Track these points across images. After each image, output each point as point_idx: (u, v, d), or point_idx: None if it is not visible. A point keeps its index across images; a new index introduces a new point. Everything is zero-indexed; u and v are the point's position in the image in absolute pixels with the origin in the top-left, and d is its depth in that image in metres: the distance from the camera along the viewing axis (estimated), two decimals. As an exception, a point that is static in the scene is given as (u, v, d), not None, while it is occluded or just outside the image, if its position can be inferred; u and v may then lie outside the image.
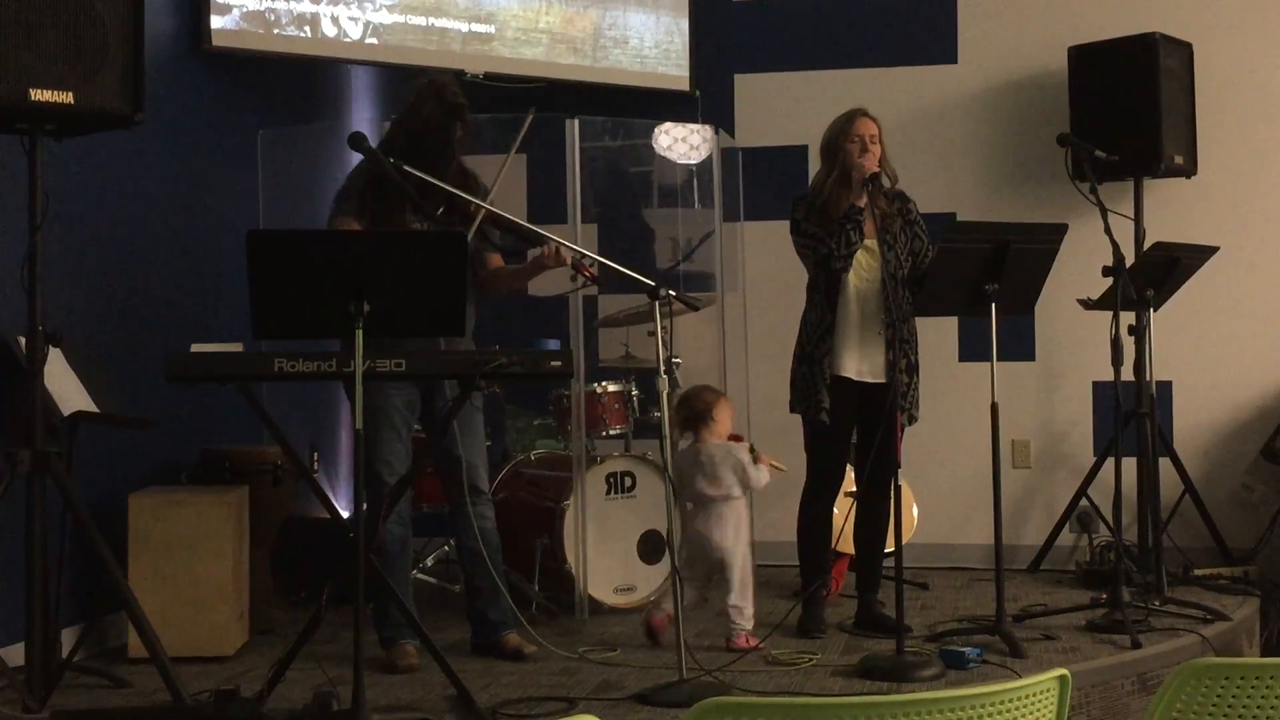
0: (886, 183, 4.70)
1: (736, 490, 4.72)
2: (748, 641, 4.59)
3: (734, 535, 4.68)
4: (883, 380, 4.71)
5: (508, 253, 4.58)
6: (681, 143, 6.22)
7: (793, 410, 4.88)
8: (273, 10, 5.63)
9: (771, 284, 5.87)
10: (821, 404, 4.70)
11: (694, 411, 4.80)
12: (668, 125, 6.18)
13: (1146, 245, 5.63)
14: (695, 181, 6.24)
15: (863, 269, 4.73)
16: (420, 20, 6.00)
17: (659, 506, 4.82)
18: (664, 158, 6.30)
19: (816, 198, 4.78)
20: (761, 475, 4.73)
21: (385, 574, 4.05)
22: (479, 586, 4.51)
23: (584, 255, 4.41)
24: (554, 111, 5.26)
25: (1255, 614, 5.22)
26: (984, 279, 4.53)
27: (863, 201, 4.69)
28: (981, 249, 4.52)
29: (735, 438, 4.86)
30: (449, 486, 4.51)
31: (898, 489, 4.50)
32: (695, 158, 6.20)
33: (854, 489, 5.00)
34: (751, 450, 4.78)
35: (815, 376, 4.73)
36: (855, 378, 4.74)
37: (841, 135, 4.76)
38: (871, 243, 4.71)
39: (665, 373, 4.11)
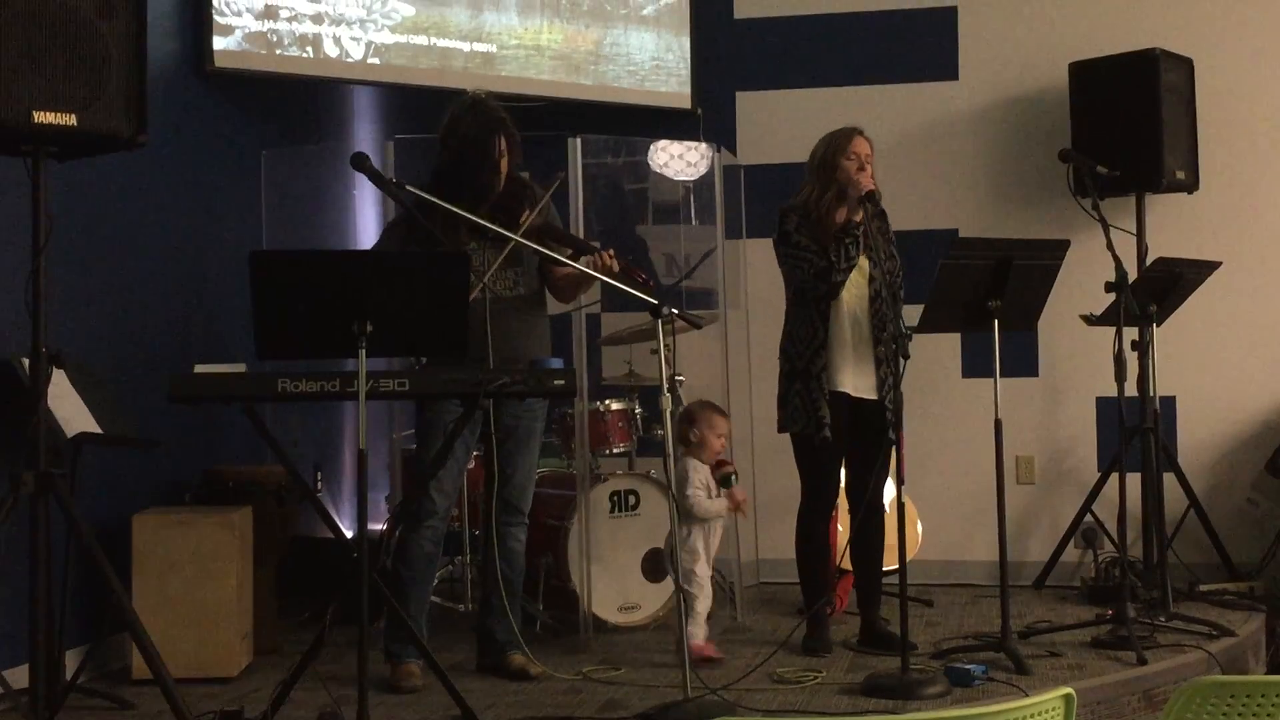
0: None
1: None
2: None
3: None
4: (874, 396, 4.73)
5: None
6: (678, 159, 6.23)
7: (782, 429, 4.85)
8: (275, 31, 5.64)
9: (774, 301, 5.85)
10: (824, 420, 4.69)
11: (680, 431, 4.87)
12: (664, 142, 6.18)
13: (1149, 261, 5.64)
14: (697, 198, 6.25)
15: (852, 285, 4.74)
16: (422, 40, 6.02)
17: (663, 524, 4.82)
18: (665, 175, 6.31)
19: (811, 212, 4.78)
20: (703, 505, 4.78)
21: (408, 587, 4.06)
22: (494, 604, 4.50)
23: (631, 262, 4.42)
24: (556, 130, 5.27)
25: (1261, 629, 5.21)
26: (986, 295, 4.53)
27: (860, 217, 4.69)
28: (984, 265, 4.52)
29: (722, 462, 4.88)
30: (490, 501, 4.50)
31: (902, 505, 4.51)
32: (692, 175, 6.21)
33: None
34: (725, 479, 4.81)
35: (814, 393, 4.72)
36: (852, 393, 4.74)
37: (839, 152, 4.76)
38: (861, 259, 4.72)
39: (668, 390, 4.10)
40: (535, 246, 4.28)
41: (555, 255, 4.32)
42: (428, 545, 4.43)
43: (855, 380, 4.74)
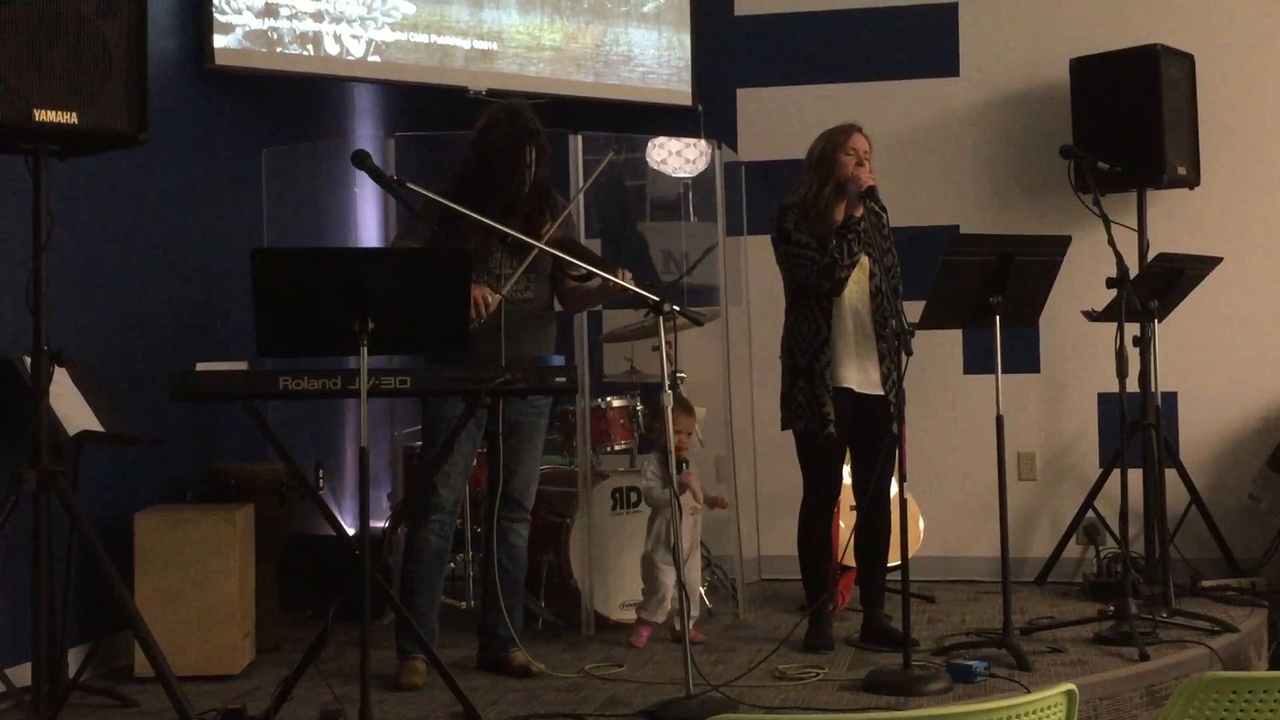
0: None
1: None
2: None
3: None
4: (878, 392, 4.73)
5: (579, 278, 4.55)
6: (677, 156, 6.22)
7: (785, 427, 4.85)
8: (275, 29, 5.64)
9: (775, 297, 5.85)
10: (829, 417, 4.69)
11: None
12: (662, 139, 6.18)
13: (1150, 256, 5.63)
14: (698, 195, 6.25)
15: (853, 281, 4.74)
16: (423, 38, 6.02)
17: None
18: (663, 172, 6.30)
19: (810, 208, 4.78)
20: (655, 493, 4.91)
21: (417, 583, 4.06)
22: (495, 601, 4.50)
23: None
24: (557, 127, 5.27)
25: (1263, 625, 5.21)
26: (988, 291, 4.53)
27: (860, 212, 4.69)
28: (985, 261, 4.52)
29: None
30: (493, 498, 4.50)
31: (904, 502, 4.51)
32: (691, 171, 6.21)
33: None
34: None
35: (818, 390, 4.72)
36: (857, 389, 4.74)
37: (837, 148, 4.76)
38: (861, 255, 4.72)
39: (669, 387, 4.10)
40: (559, 254, 4.25)
41: (577, 262, 4.30)
42: (435, 540, 4.43)
43: (859, 376, 4.75)
